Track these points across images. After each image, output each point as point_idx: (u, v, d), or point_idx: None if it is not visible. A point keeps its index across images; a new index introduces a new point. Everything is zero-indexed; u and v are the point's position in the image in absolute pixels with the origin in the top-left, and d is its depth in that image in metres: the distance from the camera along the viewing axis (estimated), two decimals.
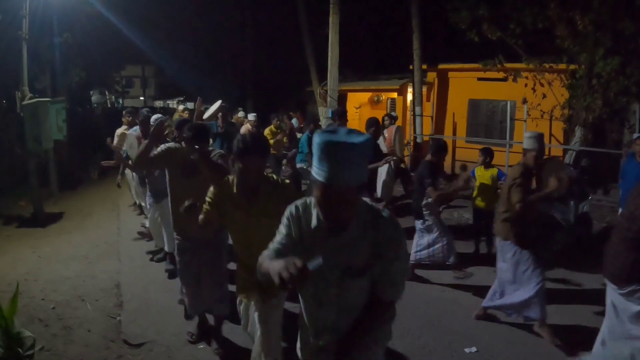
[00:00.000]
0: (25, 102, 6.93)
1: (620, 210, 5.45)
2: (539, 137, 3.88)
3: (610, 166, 8.18)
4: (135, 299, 4.65)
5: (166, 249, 5.21)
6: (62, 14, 8.90)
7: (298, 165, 7.10)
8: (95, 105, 26.08)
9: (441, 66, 12.29)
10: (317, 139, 1.63)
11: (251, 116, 9.31)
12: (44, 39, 8.25)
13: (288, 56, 15.97)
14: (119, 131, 6.72)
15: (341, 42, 10.44)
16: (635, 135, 6.00)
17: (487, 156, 5.83)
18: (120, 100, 28.98)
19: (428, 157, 5.10)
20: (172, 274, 4.99)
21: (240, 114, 11.21)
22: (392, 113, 9.83)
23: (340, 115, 6.16)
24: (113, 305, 4.55)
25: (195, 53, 19.68)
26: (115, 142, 6.63)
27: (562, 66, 8.99)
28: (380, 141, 8.94)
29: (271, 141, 8.28)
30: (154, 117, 5.32)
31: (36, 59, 8.65)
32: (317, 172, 1.64)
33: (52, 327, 4.09)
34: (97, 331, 4.04)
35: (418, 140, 11.58)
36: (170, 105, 27.27)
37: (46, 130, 7.17)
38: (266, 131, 8.60)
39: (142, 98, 32.12)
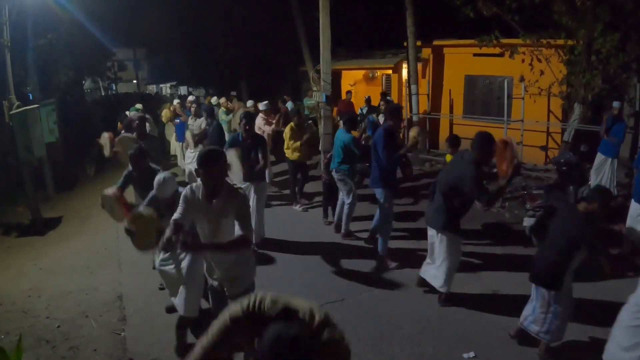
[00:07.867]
0: (13, 112, 6.79)
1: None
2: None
3: None
4: (139, 313, 4.71)
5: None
6: (44, 14, 8.61)
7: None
8: (88, 91, 25.61)
9: (436, 42, 11.96)
10: None
11: (262, 105, 9.13)
12: (27, 42, 8.02)
13: (280, 36, 15.59)
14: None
15: (333, 20, 10.08)
16: None
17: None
18: (114, 86, 28.52)
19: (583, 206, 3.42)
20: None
21: (249, 102, 10.78)
22: (388, 97, 9.64)
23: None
24: (117, 320, 4.61)
25: (187, 35, 19.20)
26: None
27: (560, 41, 8.71)
28: None
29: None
30: None
31: (22, 64, 8.43)
32: None
33: (59, 348, 4.16)
34: (103, 350, 4.12)
35: (414, 119, 11.40)
36: (164, 91, 26.81)
37: (37, 137, 7.07)
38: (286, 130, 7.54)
39: (135, 81, 31.60)
